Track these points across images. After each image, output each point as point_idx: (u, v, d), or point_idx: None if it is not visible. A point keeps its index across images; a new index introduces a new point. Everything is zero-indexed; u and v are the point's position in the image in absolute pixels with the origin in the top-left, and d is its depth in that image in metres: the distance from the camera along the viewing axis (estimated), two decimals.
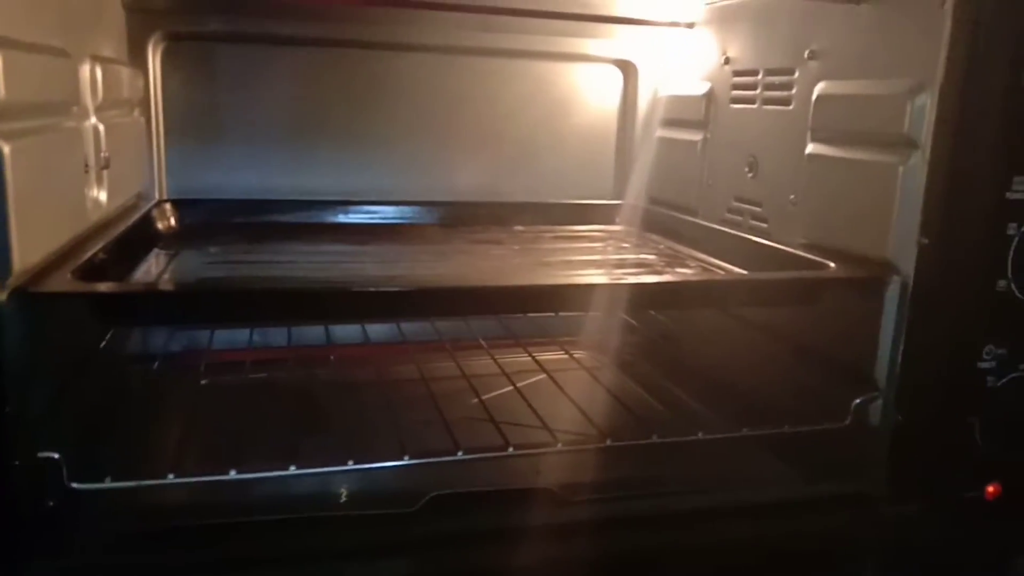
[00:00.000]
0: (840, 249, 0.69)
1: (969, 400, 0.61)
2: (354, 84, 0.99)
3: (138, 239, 0.76)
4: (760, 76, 0.83)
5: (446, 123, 1.03)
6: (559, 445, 0.63)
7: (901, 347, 0.62)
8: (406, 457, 0.58)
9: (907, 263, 0.61)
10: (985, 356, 0.60)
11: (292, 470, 0.55)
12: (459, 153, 1.04)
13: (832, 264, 0.66)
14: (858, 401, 0.64)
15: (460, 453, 0.59)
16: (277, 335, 0.94)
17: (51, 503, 0.52)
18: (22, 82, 0.50)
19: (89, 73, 0.70)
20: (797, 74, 0.77)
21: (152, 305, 0.54)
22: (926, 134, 0.59)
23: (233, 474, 0.54)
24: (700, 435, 0.65)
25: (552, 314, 0.98)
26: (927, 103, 0.59)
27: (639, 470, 0.65)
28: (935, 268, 0.60)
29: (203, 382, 0.85)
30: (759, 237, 0.79)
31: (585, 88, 1.07)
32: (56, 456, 0.51)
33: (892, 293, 0.62)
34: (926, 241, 0.60)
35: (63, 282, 0.52)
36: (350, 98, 0.99)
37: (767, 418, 0.68)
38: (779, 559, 0.61)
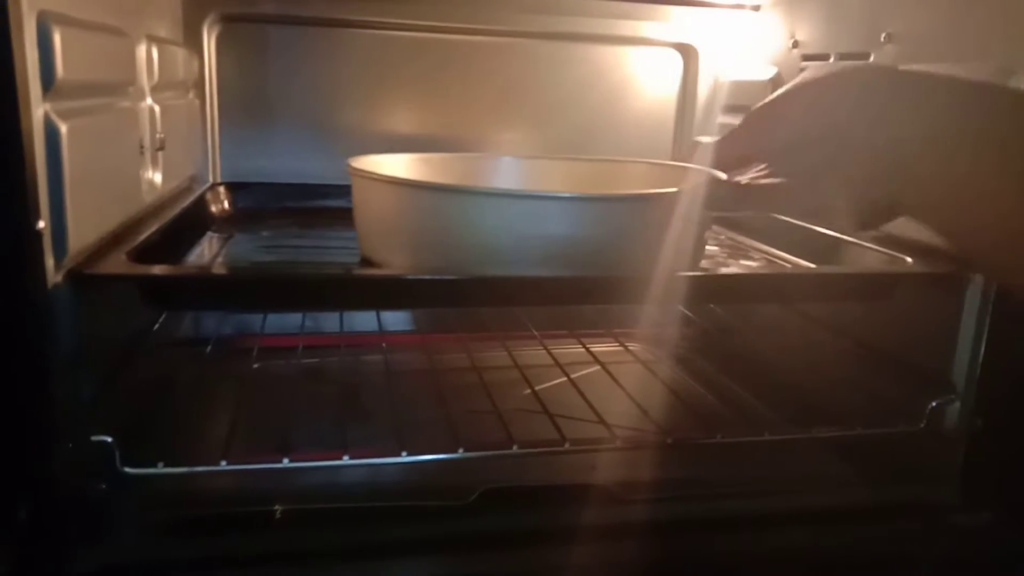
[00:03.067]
0: (914, 242, 0.65)
1: None
2: (409, 68, 0.98)
3: (192, 222, 0.76)
4: (832, 60, 0.80)
5: (502, 108, 1.01)
6: (618, 442, 0.61)
7: (982, 348, 0.58)
8: (460, 450, 0.56)
9: None
10: None
11: (345, 460, 0.54)
12: (515, 138, 1.02)
13: (908, 258, 0.63)
14: (934, 404, 0.61)
15: (515, 447, 0.58)
16: (329, 321, 0.94)
17: (103, 487, 0.52)
18: (79, 61, 0.50)
19: (145, 53, 0.69)
20: (872, 58, 0.73)
21: (206, 290, 0.54)
22: None
23: (286, 462, 0.53)
24: (767, 435, 0.62)
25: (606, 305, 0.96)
26: (1020, 86, 0.55)
27: (700, 470, 0.62)
28: (1021, 263, 0.56)
29: (255, 366, 0.84)
30: (826, 228, 0.76)
31: (644, 73, 1.04)
32: (109, 440, 0.51)
33: (974, 290, 0.59)
34: None
35: (118, 264, 0.51)
36: (405, 82, 0.98)
37: (830, 419, 0.65)
38: (845, 568, 0.58)
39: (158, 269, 0.52)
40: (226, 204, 0.91)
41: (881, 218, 0.44)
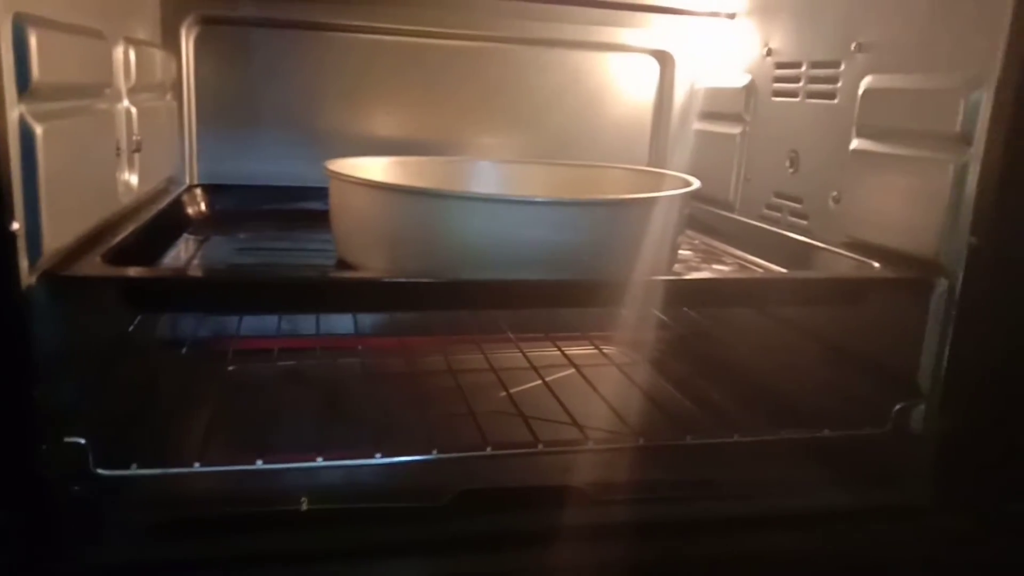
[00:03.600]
0: (884, 248, 0.66)
1: (1017, 407, 0.59)
2: (389, 72, 0.98)
3: (168, 224, 0.76)
4: (804, 68, 0.81)
5: (482, 112, 1.02)
6: (590, 443, 0.61)
7: (947, 351, 0.60)
8: (434, 451, 0.57)
9: (955, 264, 0.59)
10: None
11: (319, 461, 0.54)
12: (494, 142, 1.03)
13: (876, 264, 0.64)
14: (900, 407, 0.62)
15: (489, 449, 0.58)
16: (305, 323, 0.94)
17: (76, 488, 0.52)
18: (56, 63, 0.50)
19: (123, 55, 0.69)
20: (843, 67, 0.75)
21: (180, 291, 0.54)
22: (980, 131, 0.57)
23: (260, 464, 0.53)
24: (736, 437, 0.63)
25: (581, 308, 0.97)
26: (982, 98, 0.57)
27: (672, 471, 0.63)
28: (985, 269, 0.58)
29: (230, 368, 0.84)
30: (799, 234, 0.77)
31: (621, 79, 1.05)
32: (83, 441, 0.51)
33: (939, 295, 0.60)
34: (976, 241, 0.57)
35: (93, 266, 0.51)
36: (385, 86, 0.98)
37: (804, 421, 0.66)
38: (815, 569, 0.59)
39: (133, 271, 0.52)
40: (203, 206, 0.91)
41: None
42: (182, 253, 0.74)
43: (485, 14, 0.97)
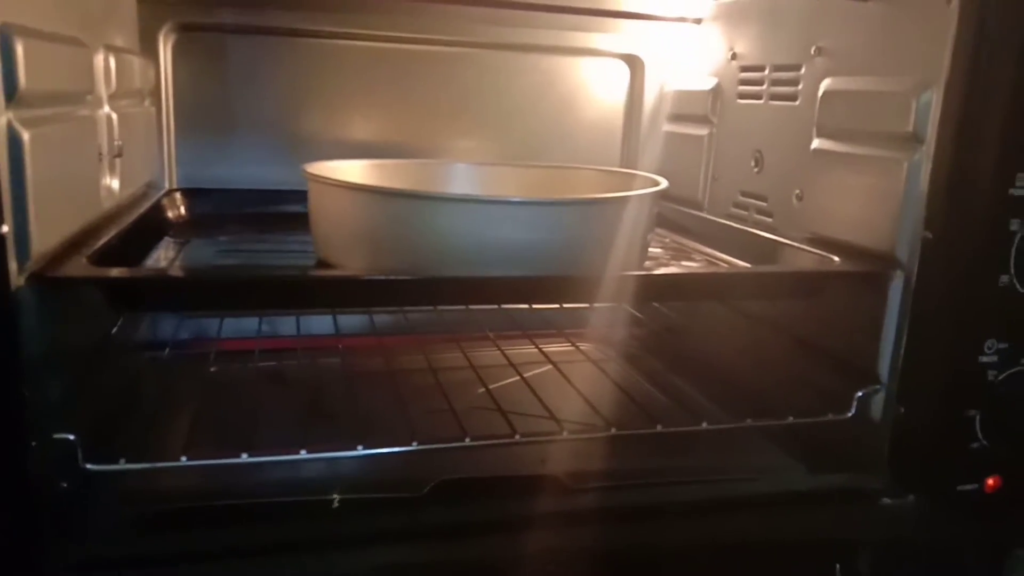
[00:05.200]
0: (844, 243, 0.69)
1: (970, 394, 0.62)
2: (366, 77, 1.00)
3: (149, 227, 0.77)
4: (767, 72, 0.84)
5: (457, 116, 1.04)
6: (565, 433, 0.64)
7: (904, 340, 0.62)
8: (414, 443, 0.59)
9: (911, 258, 0.62)
10: (987, 350, 0.61)
11: (303, 454, 0.56)
12: (469, 145, 1.05)
13: (836, 258, 0.67)
14: (860, 394, 0.65)
15: (467, 440, 0.60)
16: (285, 325, 0.95)
17: (65, 484, 0.53)
18: (41, 71, 0.51)
19: (103, 63, 0.71)
20: (804, 70, 0.78)
21: (165, 291, 0.55)
22: (931, 130, 0.60)
23: (245, 457, 0.55)
24: (704, 425, 0.65)
25: (558, 307, 0.99)
26: (932, 100, 0.60)
27: (644, 460, 0.66)
28: (938, 263, 0.60)
29: (212, 369, 0.85)
30: (764, 231, 0.80)
31: (593, 82, 1.07)
32: (71, 438, 0.52)
33: (895, 287, 0.63)
34: (930, 236, 0.60)
35: (79, 267, 0.52)
36: (362, 91, 1.00)
37: (771, 411, 0.68)
38: (780, 550, 0.62)
39: (118, 271, 0.54)
40: (183, 210, 0.92)
41: None
42: (164, 256, 0.75)
43: (459, 20, 0.99)
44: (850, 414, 0.65)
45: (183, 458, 0.54)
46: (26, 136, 0.49)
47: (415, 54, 1.01)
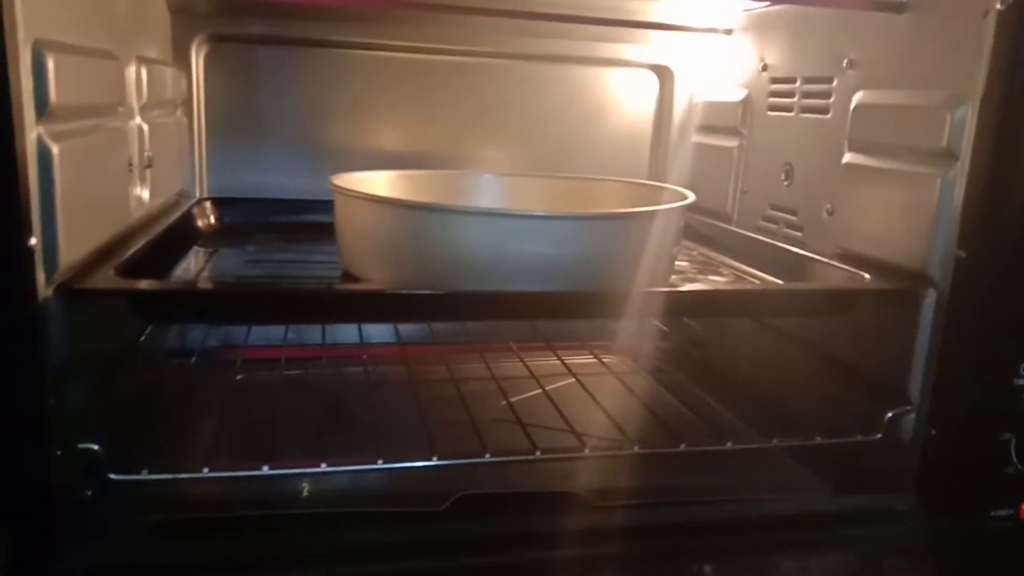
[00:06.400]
0: (875, 260, 0.68)
1: (1005, 417, 0.60)
2: (394, 88, 1.00)
3: (178, 237, 0.78)
4: (798, 84, 0.83)
5: (485, 126, 1.04)
6: (586, 450, 0.63)
7: (935, 361, 0.61)
8: (435, 458, 0.58)
9: (944, 276, 0.60)
10: (1022, 372, 0.59)
11: (323, 467, 0.56)
12: (496, 156, 1.05)
13: (867, 275, 0.66)
14: (891, 414, 0.63)
15: (488, 455, 0.60)
16: (311, 333, 0.96)
17: (89, 493, 0.54)
18: (71, 85, 0.52)
19: (135, 74, 0.72)
20: (835, 83, 0.76)
21: (190, 303, 0.56)
22: (965, 146, 0.59)
23: (266, 470, 0.55)
24: (730, 444, 0.64)
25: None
26: (967, 115, 0.59)
27: (668, 478, 0.65)
28: (972, 281, 0.59)
29: (239, 377, 0.86)
30: (793, 246, 0.79)
31: (621, 93, 1.07)
32: (96, 448, 0.53)
33: (928, 306, 0.62)
34: (963, 254, 0.59)
35: (106, 279, 0.53)
36: (390, 101, 1.00)
37: (798, 429, 0.67)
38: (804, 572, 0.61)
39: (144, 284, 0.54)
40: (212, 219, 0.93)
41: None
42: (192, 265, 0.76)
43: (487, 31, 0.99)
44: (880, 435, 0.63)
45: (205, 469, 0.54)
46: (56, 149, 0.49)
47: (443, 65, 1.01)
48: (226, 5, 0.93)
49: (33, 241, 0.47)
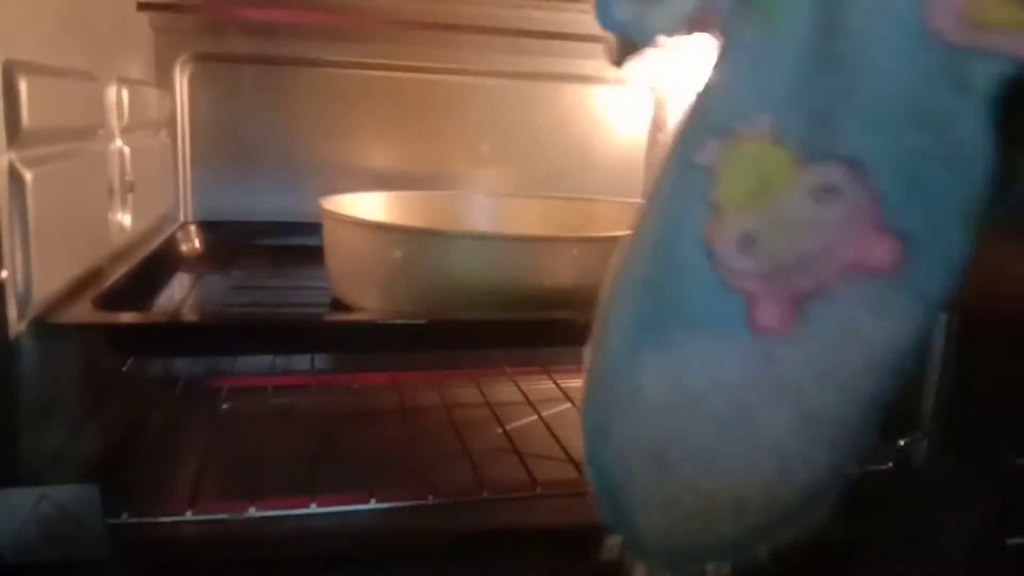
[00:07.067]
0: None
1: (1020, 441, 0.58)
2: (385, 107, 0.98)
3: (161, 263, 0.75)
4: None
5: (477, 146, 1.02)
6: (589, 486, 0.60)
7: (950, 384, 0.59)
8: (430, 496, 0.56)
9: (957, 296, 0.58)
10: None
11: (312, 508, 0.53)
12: (489, 176, 1.03)
13: None
14: (902, 443, 0.61)
15: (485, 493, 0.57)
16: (300, 360, 0.93)
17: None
18: (46, 108, 0.50)
19: (115, 95, 0.69)
20: None
21: (172, 337, 0.53)
22: None
23: (252, 511, 0.52)
24: None
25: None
26: None
27: None
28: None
29: (224, 407, 0.83)
30: None
31: (616, 112, 1.05)
32: None
33: (939, 330, 0.59)
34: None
35: (83, 312, 0.51)
36: (381, 121, 0.99)
37: None
38: None
39: (124, 317, 0.52)
40: (197, 243, 0.90)
41: None
42: (176, 293, 0.73)
43: (480, 49, 0.97)
44: (890, 464, 0.61)
45: (188, 512, 0.52)
46: (29, 176, 0.47)
47: (434, 84, 0.99)
48: (210, 24, 0.91)
49: (4, 274, 0.45)
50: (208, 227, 0.92)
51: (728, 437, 0.24)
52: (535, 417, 0.80)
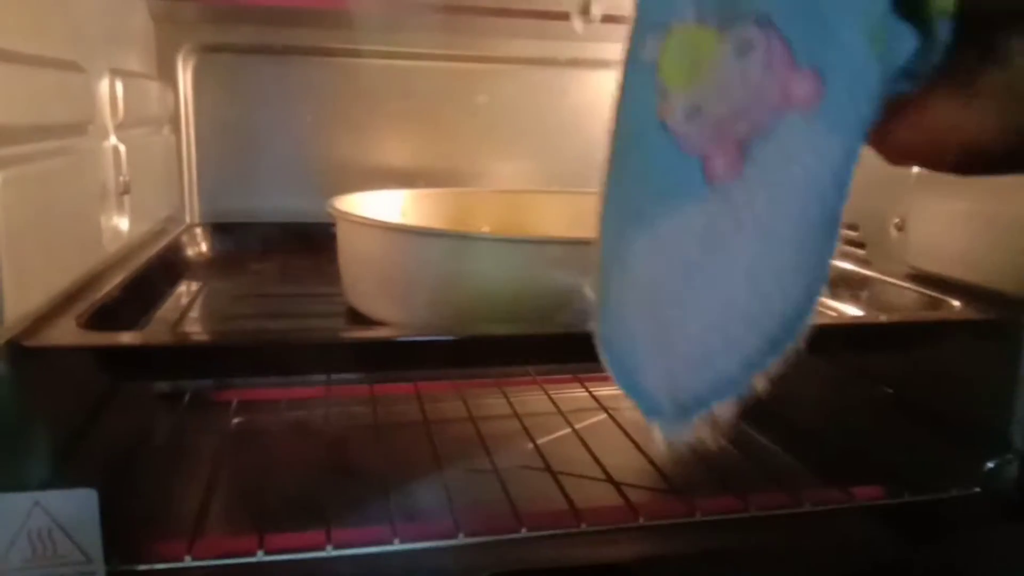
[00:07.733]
0: (957, 282, 0.59)
1: None
2: (399, 97, 0.92)
3: (162, 271, 0.69)
4: None
5: (498, 137, 0.96)
6: (640, 519, 0.54)
7: None
8: (460, 535, 0.49)
9: None
10: None
11: (329, 550, 0.47)
12: (511, 169, 0.96)
13: (956, 303, 0.57)
14: (991, 465, 0.54)
15: (524, 530, 0.51)
16: None
17: None
18: (19, 102, 0.44)
19: (108, 89, 0.63)
20: None
21: (168, 360, 0.47)
22: None
23: (260, 555, 0.46)
24: (808, 506, 0.55)
25: None
26: None
27: (730, 541, 0.56)
28: None
29: (235, 421, 0.78)
30: (856, 265, 0.70)
31: None
32: None
33: None
34: None
35: (66, 332, 0.44)
36: (395, 112, 0.93)
37: (873, 477, 0.58)
38: None
39: (113, 337, 0.46)
40: (203, 247, 0.85)
41: None
42: (177, 305, 0.67)
43: (499, 35, 0.91)
44: (977, 488, 0.54)
45: (187, 557, 0.46)
46: None
47: (452, 72, 0.93)
48: (213, 12, 0.85)
49: None
50: (215, 230, 0.86)
51: (707, 277, 0.27)
52: (568, 430, 0.75)
